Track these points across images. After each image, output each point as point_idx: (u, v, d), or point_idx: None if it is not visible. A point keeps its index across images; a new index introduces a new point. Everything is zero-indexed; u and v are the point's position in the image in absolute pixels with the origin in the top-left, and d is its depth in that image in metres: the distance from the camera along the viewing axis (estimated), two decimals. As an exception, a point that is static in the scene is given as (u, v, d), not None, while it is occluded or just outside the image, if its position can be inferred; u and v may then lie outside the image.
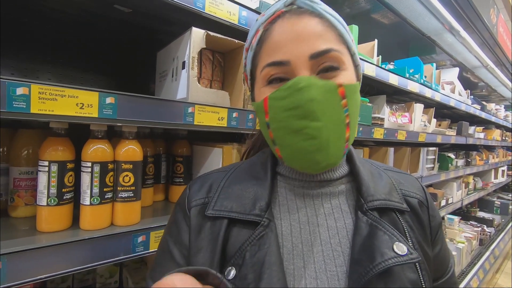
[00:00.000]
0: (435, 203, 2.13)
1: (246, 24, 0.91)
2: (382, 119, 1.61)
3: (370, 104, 1.56)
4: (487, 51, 2.67)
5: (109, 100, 0.64)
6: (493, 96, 4.73)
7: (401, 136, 1.70)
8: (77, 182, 0.71)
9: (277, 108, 0.44)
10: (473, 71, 3.15)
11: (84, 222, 0.69)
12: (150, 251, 0.74)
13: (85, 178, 0.68)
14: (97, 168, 0.68)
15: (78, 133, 0.74)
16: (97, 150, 0.69)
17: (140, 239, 0.72)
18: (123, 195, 0.73)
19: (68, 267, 0.63)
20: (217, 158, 0.95)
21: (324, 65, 0.43)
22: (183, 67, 0.85)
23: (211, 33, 0.83)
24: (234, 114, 0.88)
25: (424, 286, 0.43)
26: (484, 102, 3.66)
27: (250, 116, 0.92)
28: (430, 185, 2.64)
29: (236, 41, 0.89)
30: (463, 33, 2.18)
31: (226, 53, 1.01)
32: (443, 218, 2.76)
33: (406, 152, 1.86)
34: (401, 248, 0.41)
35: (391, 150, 1.70)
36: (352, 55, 0.47)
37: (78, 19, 1.00)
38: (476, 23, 2.12)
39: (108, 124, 0.69)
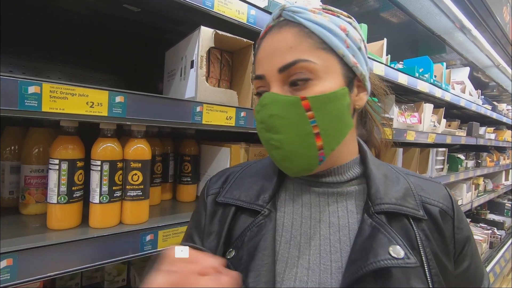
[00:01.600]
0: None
1: (255, 23, 0.90)
2: (391, 119, 1.59)
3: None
4: (499, 50, 2.62)
5: (119, 99, 0.65)
6: (504, 96, 4.63)
7: (410, 137, 1.67)
8: (86, 181, 0.71)
9: (256, 119, 0.50)
10: (484, 70, 3.10)
11: (93, 220, 0.70)
12: (158, 249, 0.74)
13: (95, 177, 0.69)
14: (106, 167, 0.69)
15: (88, 131, 0.75)
16: (106, 148, 0.69)
17: (148, 237, 0.72)
18: (132, 194, 0.73)
19: (77, 264, 0.63)
20: (225, 158, 0.95)
21: (293, 78, 0.45)
22: (192, 66, 0.85)
23: (220, 32, 0.83)
24: (242, 114, 0.87)
25: None
26: (495, 102, 3.58)
27: (258, 116, 0.92)
28: (439, 187, 2.59)
29: (245, 40, 0.89)
30: (475, 31, 2.14)
31: (234, 52, 1.01)
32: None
33: (415, 153, 1.83)
34: (397, 251, 0.41)
35: (400, 150, 1.67)
36: (342, 56, 0.46)
37: (88, 19, 1.01)
38: (488, 21, 2.07)
39: (118, 123, 0.69)
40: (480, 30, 2.16)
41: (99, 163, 0.68)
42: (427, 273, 0.42)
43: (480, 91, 3.03)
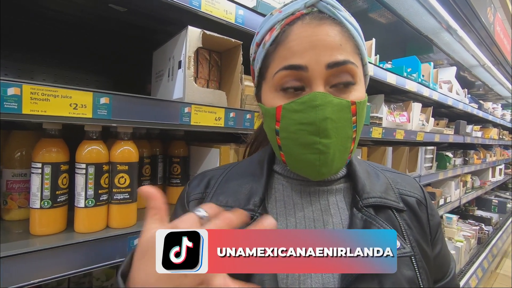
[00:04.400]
0: (433, 202, 2.10)
1: (243, 23, 0.90)
2: (380, 119, 1.61)
3: (368, 104, 1.55)
4: (484, 50, 2.68)
5: (104, 100, 0.63)
6: (490, 95, 4.76)
7: (399, 135, 1.70)
8: (71, 184, 0.69)
9: (290, 119, 0.43)
10: (470, 70, 3.17)
11: (78, 224, 0.68)
12: (146, 253, 0.73)
13: (80, 180, 0.67)
14: (91, 170, 0.67)
15: (72, 134, 0.73)
16: (91, 151, 0.68)
17: (136, 241, 0.71)
18: (119, 197, 0.71)
19: (62, 270, 0.62)
20: (214, 159, 0.94)
21: (341, 80, 0.43)
22: (179, 67, 0.84)
23: (208, 32, 0.82)
24: (231, 114, 0.87)
25: (421, 284, 0.43)
26: (481, 101, 3.67)
27: (248, 116, 0.91)
28: (429, 184, 2.64)
29: (233, 40, 0.88)
30: (461, 32, 2.18)
31: (222, 53, 1.00)
32: (441, 217, 2.76)
33: (405, 151, 1.86)
34: None
35: (390, 149, 1.69)
36: (363, 65, 0.47)
37: (73, 19, 0.99)
38: (473, 22, 2.12)
39: (103, 125, 0.67)
40: (466, 30, 2.21)
41: (84, 166, 0.67)
42: (413, 260, 0.44)
43: (466, 90, 3.09)
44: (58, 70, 1.04)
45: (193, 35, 0.81)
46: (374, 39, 1.68)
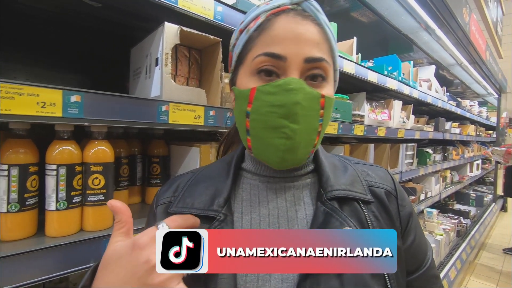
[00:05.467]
0: (414, 197, 2.13)
1: (222, 20, 0.88)
2: (362, 116, 1.64)
3: (350, 101, 1.57)
4: (461, 50, 2.77)
5: (74, 98, 0.61)
6: (467, 93, 4.94)
7: (381, 133, 1.73)
8: (42, 187, 0.66)
9: (262, 101, 0.44)
10: (449, 68, 3.27)
11: (50, 228, 0.65)
12: (123, 256, 0.71)
13: (50, 182, 0.64)
14: (63, 171, 0.64)
15: (42, 134, 0.70)
16: (62, 151, 0.65)
17: (112, 244, 0.69)
18: (93, 199, 0.69)
19: (33, 276, 0.59)
20: (194, 158, 0.92)
21: (314, 72, 0.45)
22: (157, 64, 0.82)
23: (185, 29, 0.81)
24: (211, 112, 0.86)
25: (386, 278, 0.43)
26: (459, 99, 3.81)
27: (229, 114, 0.90)
28: (410, 180, 2.71)
29: (212, 37, 0.87)
30: (438, 31, 2.25)
31: (202, 50, 0.99)
32: (422, 211, 2.85)
33: (386, 148, 1.90)
34: None
35: (371, 146, 1.73)
36: (334, 70, 0.49)
37: (46, 14, 0.95)
38: (450, 22, 2.19)
39: (74, 124, 0.65)
40: (444, 30, 2.27)
41: (54, 167, 0.64)
42: None
43: (445, 88, 3.20)
44: (31, 68, 1.00)
45: (170, 32, 0.79)
46: (355, 38, 1.71)
